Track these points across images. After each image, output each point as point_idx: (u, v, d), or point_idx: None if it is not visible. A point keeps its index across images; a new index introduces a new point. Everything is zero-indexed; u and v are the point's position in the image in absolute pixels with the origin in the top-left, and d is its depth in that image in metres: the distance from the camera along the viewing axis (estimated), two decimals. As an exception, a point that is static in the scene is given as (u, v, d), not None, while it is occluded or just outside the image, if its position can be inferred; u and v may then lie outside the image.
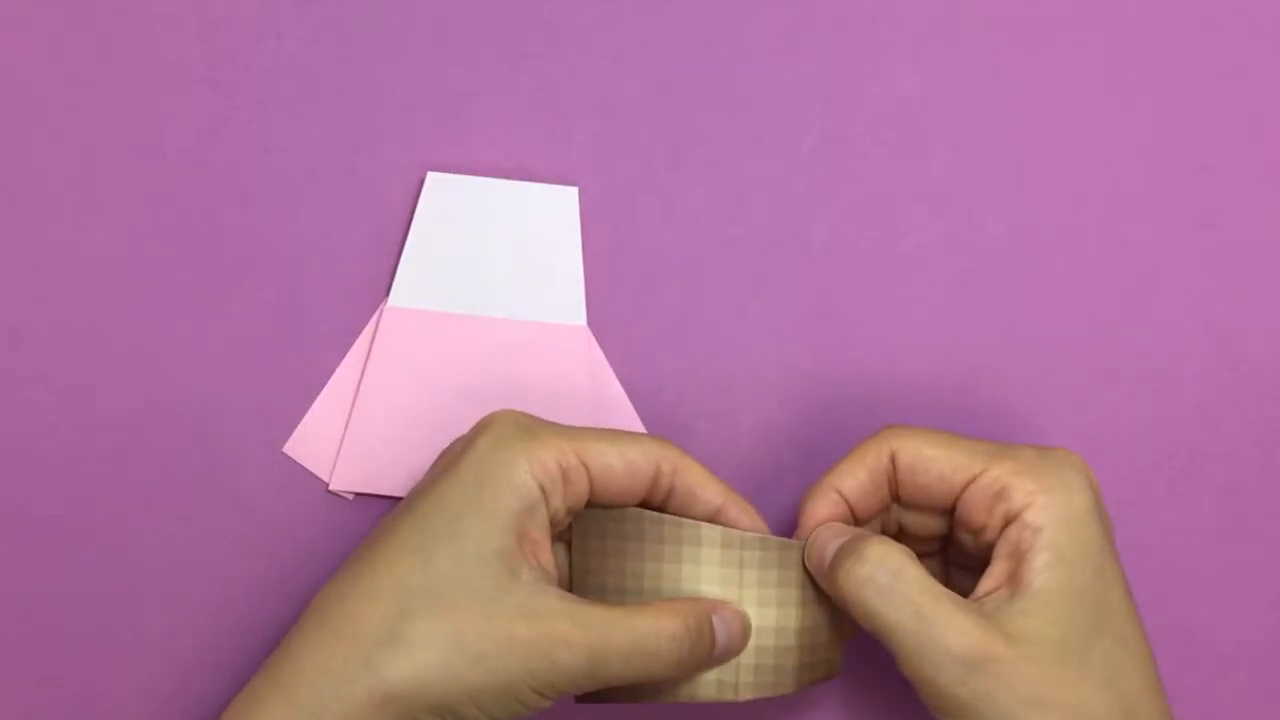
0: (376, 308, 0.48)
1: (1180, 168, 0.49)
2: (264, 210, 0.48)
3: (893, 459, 0.42)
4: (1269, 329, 0.49)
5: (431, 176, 0.48)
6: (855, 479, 0.42)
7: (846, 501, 0.42)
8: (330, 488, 0.48)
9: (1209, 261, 0.49)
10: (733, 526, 0.42)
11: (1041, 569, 0.38)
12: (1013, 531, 0.39)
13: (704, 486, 0.42)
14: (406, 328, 0.48)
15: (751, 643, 0.41)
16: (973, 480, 0.40)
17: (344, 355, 0.48)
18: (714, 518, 0.42)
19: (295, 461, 0.48)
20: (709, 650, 0.40)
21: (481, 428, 0.41)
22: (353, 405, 0.48)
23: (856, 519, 0.43)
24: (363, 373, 0.48)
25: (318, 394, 0.48)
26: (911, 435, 0.42)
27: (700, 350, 0.49)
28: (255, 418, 0.48)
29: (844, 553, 0.39)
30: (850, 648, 0.47)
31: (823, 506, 0.42)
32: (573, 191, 0.48)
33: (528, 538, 0.39)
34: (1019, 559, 0.39)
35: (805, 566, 0.41)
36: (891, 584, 0.38)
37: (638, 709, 0.48)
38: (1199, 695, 0.49)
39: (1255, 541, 0.49)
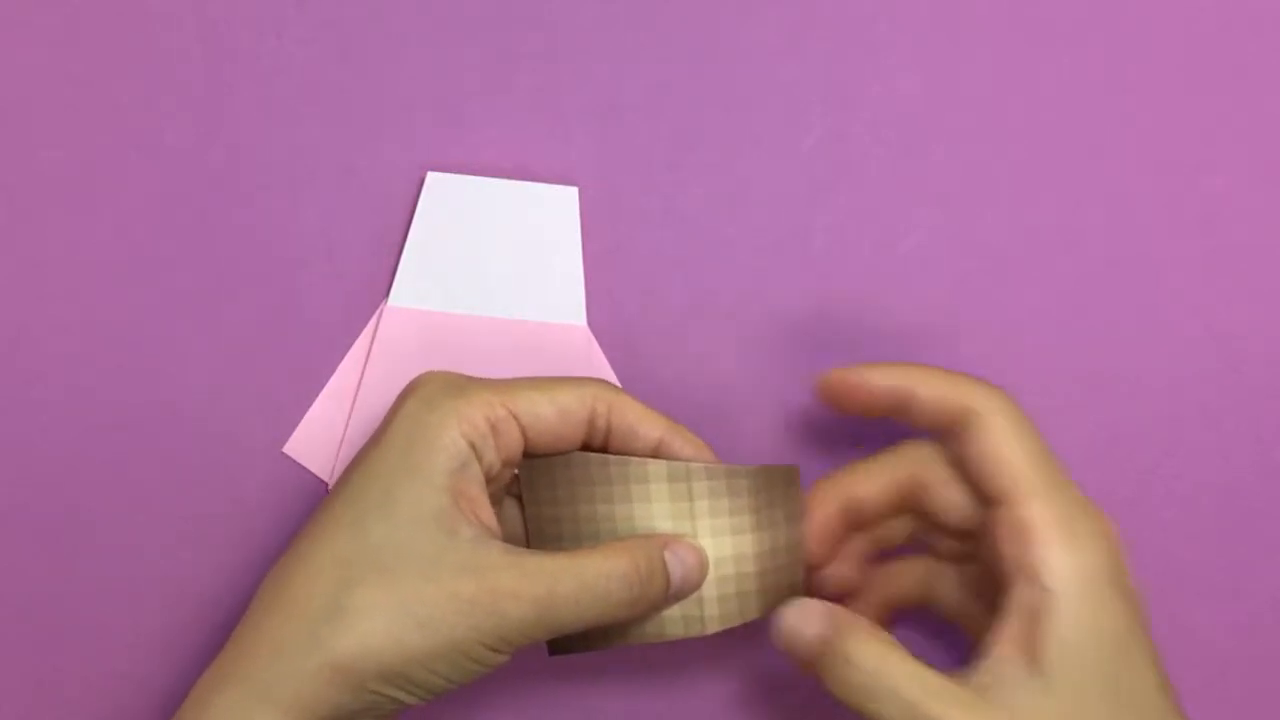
0: (376, 308, 0.48)
1: (1180, 168, 0.49)
2: (264, 210, 0.48)
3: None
4: (1269, 329, 0.49)
5: (431, 176, 0.48)
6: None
7: (860, 505, 0.42)
8: (330, 487, 0.48)
9: (1209, 262, 0.49)
10: (677, 458, 0.41)
11: (1054, 644, 0.36)
12: (1025, 590, 0.38)
13: (643, 422, 0.41)
14: (406, 328, 0.48)
15: (711, 574, 0.41)
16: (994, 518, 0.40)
17: (344, 355, 0.48)
18: (657, 451, 0.42)
19: (295, 461, 0.48)
20: (664, 587, 0.40)
21: (408, 392, 0.41)
22: (353, 405, 0.48)
23: (864, 518, 0.43)
24: (363, 373, 0.48)
25: (318, 394, 0.48)
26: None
27: (700, 350, 0.49)
28: (255, 418, 0.48)
29: (828, 655, 0.38)
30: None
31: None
32: (573, 191, 0.48)
33: (464, 496, 0.39)
34: (1031, 621, 0.37)
35: (757, 491, 0.41)
36: (879, 685, 0.37)
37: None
38: (1199, 695, 0.49)
39: (1255, 541, 0.49)
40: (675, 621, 0.42)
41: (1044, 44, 0.49)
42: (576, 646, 0.42)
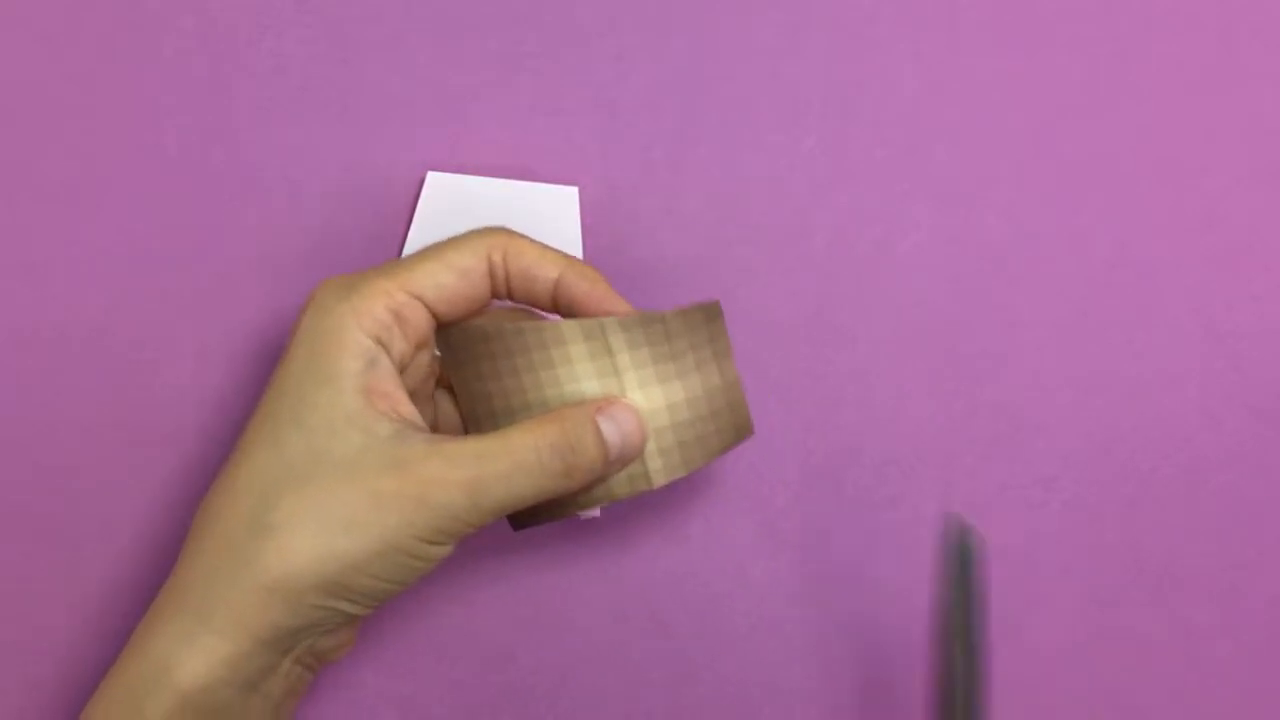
0: (376, 308, 0.48)
1: (1180, 168, 0.49)
2: (264, 210, 0.48)
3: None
4: (1269, 329, 0.49)
5: (431, 176, 0.48)
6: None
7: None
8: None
9: (1209, 261, 0.49)
10: (573, 294, 0.40)
11: None
12: None
13: (539, 263, 0.40)
14: (406, 328, 0.48)
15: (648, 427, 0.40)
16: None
17: (344, 355, 0.48)
18: (556, 291, 0.40)
19: (295, 461, 0.48)
20: (600, 455, 0.39)
21: (306, 302, 0.40)
22: (353, 405, 0.48)
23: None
24: (363, 373, 0.48)
25: (318, 394, 0.48)
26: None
27: (700, 350, 0.48)
28: (255, 418, 0.48)
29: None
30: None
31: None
32: (573, 191, 0.48)
33: (377, 393, 0.38)
34: None
35: (677, 335, 0.40)
36: None
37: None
38: (1199, 695, 0.49)
39: (1255, 541, 0.49)
40: (620, 482, 0.40)
41: (1044, 44, 0.49)
42: (533, 519, 0.41)
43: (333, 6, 0.48)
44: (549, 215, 0.48)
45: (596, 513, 0.47)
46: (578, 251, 0.48)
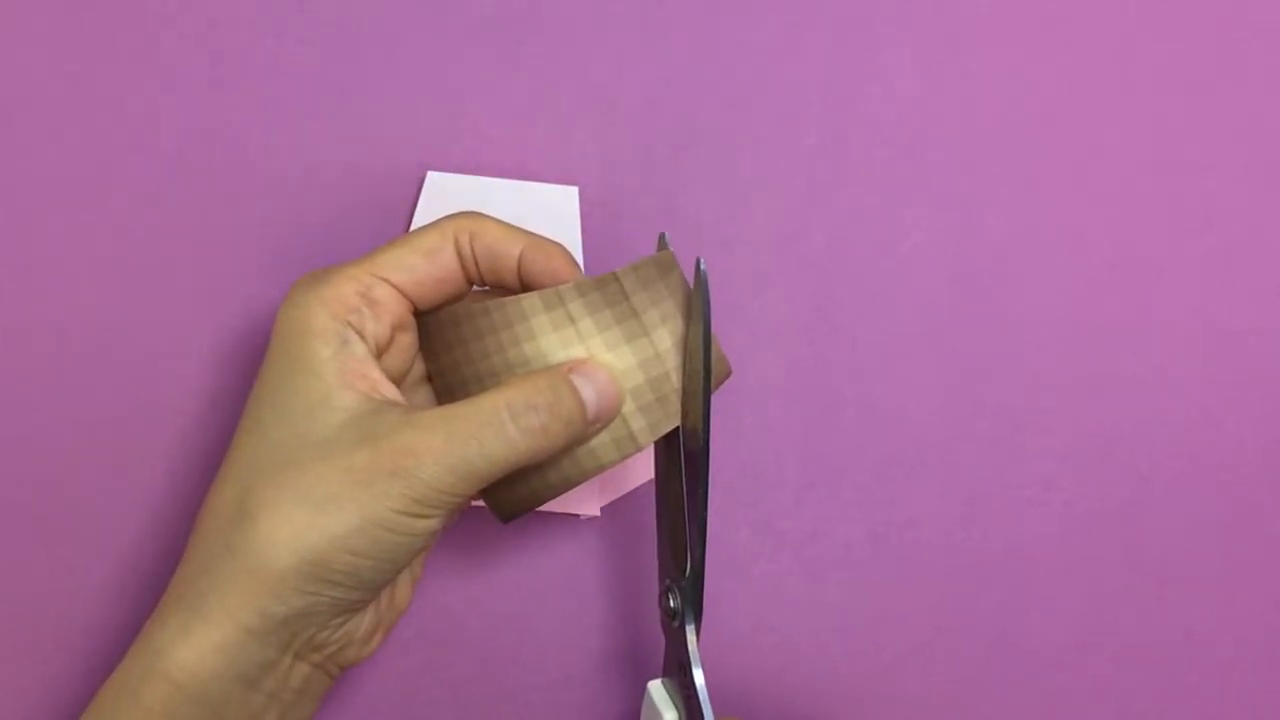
0: (376, 308, 0.48)
1: (1180, 168, 0.49)
2: (264, 211, 0.48)
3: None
4: (1269, 329, 0.49)
5: (431, 176, 0.48)
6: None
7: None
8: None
9: (1209, 262, 0.49)
10: (532, 270, 0.40)
11: None
12: None
13: (502, 240, 0.40)
14: (406, 328, 0.47)
15: (624, 387, 0.40)
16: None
17: (344, 355, 0.48)
18: (521, 268, 0.41)
19: (295, 461, 0.48)
20: (579, 412, 0.38)
21: (283, 300, 0.40)
22: (353, 405, 0.48)
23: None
24: (363, 373, 0.48)
25: (318, 394, 0.48)
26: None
27: (700, 350, 0.49)
28: (255, 418, 0.48)
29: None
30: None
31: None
32: (573, 191, 0.48)
33: (352, 374, 0.38)
34: None
35: (634, 292, 0.40)
36: None
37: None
38: (1199, 695, 0.49)
39: (1255, 542, 0.49)
40: (607, 447, 0.40)
41: (1043, 44, 0.49)
42: (519, 504, 0.41)
43: (333, 6, 0.48)
44: (549, 215, 0.48)
45: (597, 513, 0.47)
46: (578, 251, 0.48)
